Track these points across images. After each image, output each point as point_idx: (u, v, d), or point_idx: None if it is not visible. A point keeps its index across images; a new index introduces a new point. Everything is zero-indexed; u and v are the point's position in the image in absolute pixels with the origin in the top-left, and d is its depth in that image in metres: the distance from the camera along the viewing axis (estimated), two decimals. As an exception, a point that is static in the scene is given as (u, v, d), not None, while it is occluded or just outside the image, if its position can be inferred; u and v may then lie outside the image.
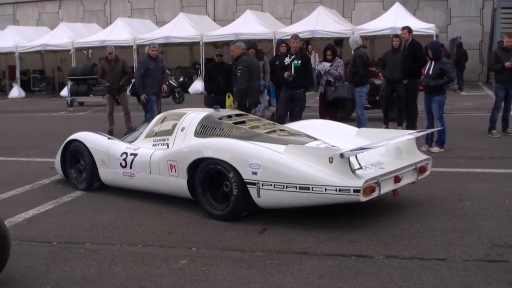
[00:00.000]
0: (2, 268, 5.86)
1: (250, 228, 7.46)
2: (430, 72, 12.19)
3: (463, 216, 7.75)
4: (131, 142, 9.75)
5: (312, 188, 7.07)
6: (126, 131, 11.42)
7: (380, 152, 8.22)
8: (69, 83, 28.59)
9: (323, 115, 14.15)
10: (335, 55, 14.81)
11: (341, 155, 7.01)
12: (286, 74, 13.29)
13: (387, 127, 15.03)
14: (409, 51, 14.14)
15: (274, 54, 18.50)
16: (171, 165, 8.44)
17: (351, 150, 7.30)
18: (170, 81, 26.20)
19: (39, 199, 9.43)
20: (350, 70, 14.60)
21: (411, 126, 14.03)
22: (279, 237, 7.07)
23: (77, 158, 10.20)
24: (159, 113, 12.59)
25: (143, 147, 9.29)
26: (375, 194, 7.14)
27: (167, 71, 29.10)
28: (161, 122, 9.68)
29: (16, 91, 36.06)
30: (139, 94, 15.60)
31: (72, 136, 10.20)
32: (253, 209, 7.82)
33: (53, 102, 30.76)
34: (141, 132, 9.89)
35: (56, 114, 24.39)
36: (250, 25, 31.87)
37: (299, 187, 7.15)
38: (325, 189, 7.00)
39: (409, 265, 6.03)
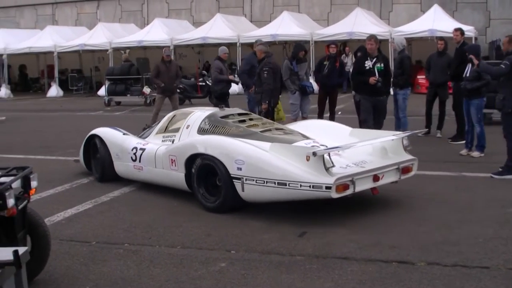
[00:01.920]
0: (42, 267, 5.88)
1: (289, 231, 7.40)
2: (468, 75, 11.97)
3: (505, 223, 7.60)
4: (145, 138, 10.54)
5: (288, 184, 7.56)
6: (144, 127, 11.56)
7: (366, 151, 8.52)
8: (107, 83, 28.77)
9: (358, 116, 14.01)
10: None
11: (314, 154, 7.47)
12: (372, 80, 12.14)
13: (429, 132, 14.87)
14: (459, 53, 13.65)
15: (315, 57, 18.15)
16: (172, 159, 9.13)
17: (325, 149, 7.80)
18: (207, 82, 26.25)
19: (78, 198, 9.49)
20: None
21: (459, 131, 13.79)
22: (319, 241, 6.99)
23: (97, 151, 10.85)
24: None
25: (153, 142, 10.00)
26: (349, 192, 7.55)
27: (204, 71, 29.26)
28: (171, 120, 10.37)
29: (54, 90, 36.39)
30: (249, 85, 14.81)
31: (93, 131, 11.00)
32: (243, 204, 8.27)
33: (90, 102, 30.98)
34: (155, 129, 10.62)
35: (94, 114, 24.54)
36: (287, 26, 31.76)
37: (277, 183, 7.65)
38: (300, 185, 7.48)
39: (452, 272, 5.92)
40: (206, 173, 8.57)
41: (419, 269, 6.03)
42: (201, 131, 9.41)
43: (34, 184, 5.64)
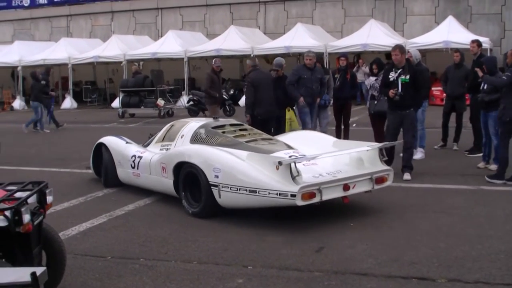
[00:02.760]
0: (58, 283, 5.81)
1: (307, 247, 7.30)
2: (485, 87, 11.86)
3: (527, 238, 7.48)
4: (146, 146, 11.18)
5: (258, 191, 8.07)
6: (149, 136, 11.73)
7: (343, 161, 8.96)
8: (121, 95, 28.78)
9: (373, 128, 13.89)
10: (381, 69, 14.33)
11: (280, 163, 7.98)
12: (391, 93, 11.52)
13: (445, 144, 14.76)
14: (476, 64, 13.46)
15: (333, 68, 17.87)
16: (163, 167, 9.76)
17: (291, 159, 8.13)
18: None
19: (92, 211, 9.44)
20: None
21: (476, 144, 13.69)
22: (337, 257, 6.89)
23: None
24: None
25: (151, 151, 10.67)
26: (316, 200, 7.97)
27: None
28: (168, 130, 10.97)
29: (68, 102, 36.49)
30: (296, 98, 13.77)
31: (100, 140, 11.85)
32: (222, 210, 8.74)
33: (104, 113, 31.04)
34: (155, 138, 11.26)
35: (108, 126, 24.53)
36: (301, 38, 31.67)
37: (249, 190, 8.16)
38: (268, 193, 7.97)
39: (474, 289, 5.80)
40: (191, 180, 9.12)
41: (440, 286, 5.93)
42: (193, 140, 9.98)
43: (49, 199, 5.58)
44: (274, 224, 8.33)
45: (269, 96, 13.60)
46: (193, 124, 10.48)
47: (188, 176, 9.14)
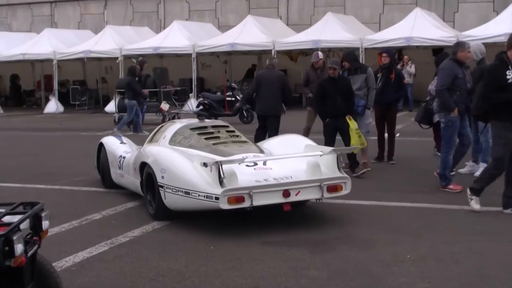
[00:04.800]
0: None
1: (356, 284, 7.11)
2: None
3: None
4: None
5: (191, 193, 9.22)
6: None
7: (299, 167, 9.80)
8: (117, 97, 28.71)
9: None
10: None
11: (204, 164, 9.12)
12: None
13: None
14: None
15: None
16: (134, 167, 11.24)
17: (217, 160, 9.13)
18: (237, 97, 26.06)
19: (90, 238, 9.26)
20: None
21: None
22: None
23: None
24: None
25: (135, 151, 12.05)
26: (246, 205, 8.94)
27: (233, 84, 29.07)
28: (157, 130, 12.20)
29: (53, 105, 36.55)
30: (450, 107, 12.00)
31: (101, 139, 13.48)
32: (174, 212, 9.87)
33: (97, 119, 31.06)
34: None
35: (101, 134, 24.34)
36: (331, 30, 31.58)
37: (184, 192, 9.33)
38: (198, 195, 9.11)
39: None
40: (151, 181, 10.24)
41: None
42: (172, 141, 11.15)
43: (46, 224, 5.41)
44: (315, 254, 8.18)
45: (270, 94, 15.09)
46: (176, 125, 11.73)
47: (149, 176, 10.37)
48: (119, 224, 10.08)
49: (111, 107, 31.99)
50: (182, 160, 9.83)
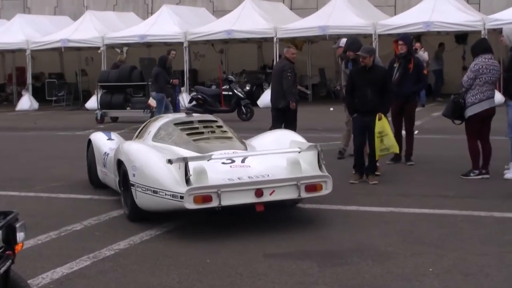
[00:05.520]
0: None
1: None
2: None
3: None
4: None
5: (158, 192, 9.73)
6: None
7: (279, 164, 10.26)
8: (99, 92, 28.70)
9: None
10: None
11: (169, 161, 9.58)
12: None
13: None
14: None
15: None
16: (114, 165, 11.68)
17: (182, 158, 9.61)
18: (235, 90, 26.05)
19: (70, 251, 9.25)
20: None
21: None
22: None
23: None
24: None
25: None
26: (213, 204, 9.41)
27: (230, 76, 29.02)
28: (145, 125, 12.81)
29: (26, 102, 36.50)
30: None
31: (90, 136, 14.09)
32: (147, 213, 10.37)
33: (76, 117, 31.13)
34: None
35: (82, 133, 24.43)
36: (342, 15, 31.53)
37: (152, 191, 9.84)
38: (165, 194, 9.63)
39: None
40: (127, 180, 10.67)
41: None
42: (155, 137, 11.73)
43: (20, 236, 5.38)
44: (324, 268, 8.17)
45: (274, 86, 16.34)
46: (162, 120, 12.37)
47: (124, 174, 10.91)
48: (102, 235, 10.07)
49: (92, 103, 32.03)
50: (153, 158, 10.35)
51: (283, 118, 15.86)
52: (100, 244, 9.53)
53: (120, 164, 11.11)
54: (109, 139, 13.46)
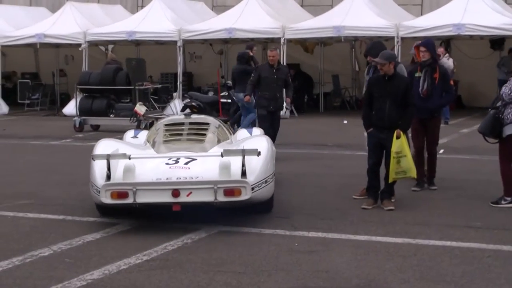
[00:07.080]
0: None
1: None
2: None
3: None
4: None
5: (92, 186, 12.00)
6: None
7: (212, 166, 11.86)
8: (78, 96, 28.71)
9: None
10: None
11: (93, 158, 11.97)
12: None
13: None
14: None
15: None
16: None
17: (105, 154, 11.81)
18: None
19: (35, 281, 9.23)
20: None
21: None
22: None
23: None
24: None
25: None
26: (129, 200, 11.27)
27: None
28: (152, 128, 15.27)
29: (-5, 105, 36.52)
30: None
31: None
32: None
33: (52, 123, 31.17)
34: None
35: (57, 143, 24.50)
36: (360, 14, 31.50)
37: (90, 185, 12.12)
38: (93, 188, 11.91)
39: None
40: None
41: None
42: (148, 136, 13.98)
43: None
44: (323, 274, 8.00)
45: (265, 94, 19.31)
46: (163, 120, 14.57)
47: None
48: (74, 263, 10.01)
49: (70, 108, 32.03)
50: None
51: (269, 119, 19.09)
52: (71, 273, 9.48)
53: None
54: (134, 137, 15.14)
